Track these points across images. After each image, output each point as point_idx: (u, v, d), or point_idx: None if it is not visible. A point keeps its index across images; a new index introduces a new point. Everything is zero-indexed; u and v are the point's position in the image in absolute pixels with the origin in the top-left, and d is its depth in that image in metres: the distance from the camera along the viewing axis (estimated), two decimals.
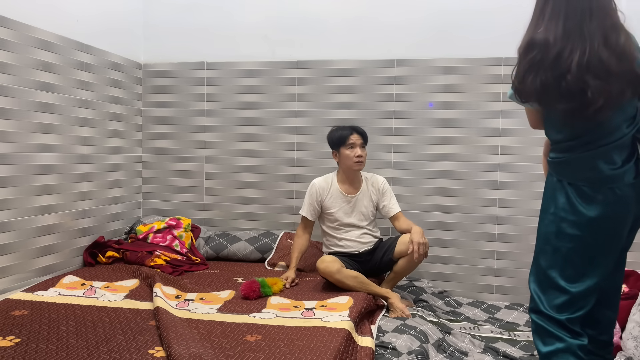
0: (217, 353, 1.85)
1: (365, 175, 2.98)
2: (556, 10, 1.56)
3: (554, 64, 1.52)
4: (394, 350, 2.15)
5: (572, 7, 1.54)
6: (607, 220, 1.60)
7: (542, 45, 1.54)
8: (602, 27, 1.52)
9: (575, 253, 1.62)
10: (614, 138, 1.57)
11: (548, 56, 1.53)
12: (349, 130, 2.89)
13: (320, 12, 3.43)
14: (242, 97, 3.56)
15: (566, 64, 1.51)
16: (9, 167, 2.62)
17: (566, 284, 1.64)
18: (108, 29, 3.34)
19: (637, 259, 2.99)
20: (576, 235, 1.61)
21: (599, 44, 1.51)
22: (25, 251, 2.73)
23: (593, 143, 1.58)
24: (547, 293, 1.67)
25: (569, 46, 1.51)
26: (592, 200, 1.58)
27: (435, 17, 3.27)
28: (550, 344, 1.64)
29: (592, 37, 1.51)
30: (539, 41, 1.55)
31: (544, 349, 1.65)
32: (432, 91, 3.29)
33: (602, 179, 1.58)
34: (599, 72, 1.49)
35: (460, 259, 3.29)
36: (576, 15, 1.53)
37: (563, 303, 1.64)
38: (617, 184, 1.58)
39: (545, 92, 1.56)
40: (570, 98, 1.52)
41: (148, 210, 3.73)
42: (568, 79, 1.51)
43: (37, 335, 2.00)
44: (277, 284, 2.64)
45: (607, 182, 1.58)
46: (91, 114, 3.17)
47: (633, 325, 2.21)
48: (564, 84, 1.52)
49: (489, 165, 3.22)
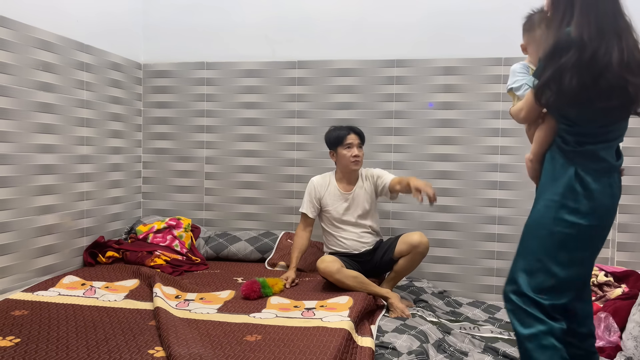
0: (217, 353, 1.85)
1: (361, 172, 2.98)
2: (585, 8, 1.56)
3: (590, 63, 1.53)
4: (394, 350, 2.15)
5: (603, 6, 1.55)
6: (604, 211, 1.65)
7: (577, 45, 1.53)
8: (627, 27, 1.57)
9: (572, 239, 1.65)
10: (622, 134, 1.66)
11: (584, 56, 1.53)
12: (346, 130, 2.90)
13: (320, 12, 3.43)
14: (242, 97, 3.56)
15: (604, 62, 1.52)
16: (9, 167, 2.62)
17: (558, 268, 1.66)
18: (108, 29, 3.34)
19: (637, 259, 2.99)
20: (575, 223, 1.63)
21: (632, 43, 1.55)
22: (25, 251, 2.73)
23: (613, 136, 1.64)
24: (535, 276, 1.68)
25: (604, 45, 1.53)
26: (593, 190, 1.62)
27: (435, 18, 3.27)
28: (531, 325, 1.65)
29: (626, 36, 1.55)
30: (573, 40, 1.54)
31: (524, 330, 1.66)
32: (432, 91, 3.29)
33: (608, 168, 1.64)
34: (637, 70, 1.54)
35: (460, 259, 3.29)
36: (607, 14, 1.55)
37: (550, 287, 1.66)
38: (614, 177, 1.66)
39: (584, 92, 1.55)
40: (611, 96, 1.54)
41: (148, 210, 3.73)
42: (608, 77, 1.52)
43: (37, 335, 2.00)
44: (277, 284, 2.64)
45: (611, 171, 1.64)
46: (91, 114, 3.17)
47: (633, 325, 2.21)
48: (604, 82, 1.53)
49: (489, 165, 3.22)
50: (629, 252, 3.02)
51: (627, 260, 3.00)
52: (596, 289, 2.69)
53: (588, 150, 1.63)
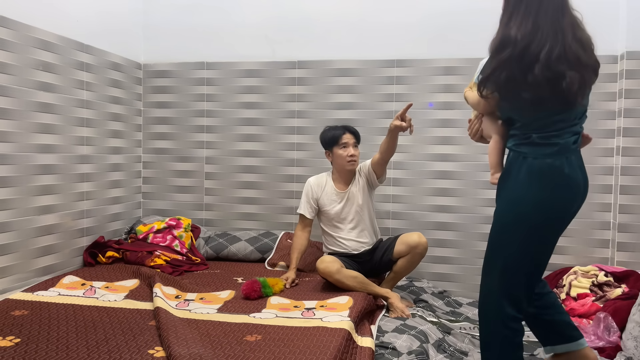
0: (217, 353, 1.85)
1: (357, 169, 2.96)
2: (529, 7, 1.65)
3: (520, 57, 1.62)
4: (394, 350, 2.15)
5: (546, 5, 1.64)
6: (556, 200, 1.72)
7: (512, 44, 1.63)
8: (570, 23, 1.65)
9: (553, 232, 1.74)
10: (576, 123, 1.72)
11: (514, 52, 1.62)
12: (341, 130, 2.89)
13: (320, 12, 3.43)
14: (242, 97, 3.56)
15: (533, 56, 1.60)
16: (9, 167, 2.62)
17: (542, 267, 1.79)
18: (108, 29, 3.34)
19: (637, 259, 2.99)
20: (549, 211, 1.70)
21: (571, 38, 1.63)
22: (25, 251, 2.73)
23: (563, 125, 1.69)
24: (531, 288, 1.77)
25: (537, 39, 1.61)
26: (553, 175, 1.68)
27: (435, 18, 3.27)
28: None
29: (565, 31, 1.62)
30: (510, 39, 1.64)
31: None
32: (432, 91, 3.29)
33: (564, 148, 1.68)
34: (574, 62, 1.62)
35: (460, 259, 3.29)
36: (549, 12, 1.63)
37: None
38: (570, 158, 1.69)
39: (508, 84, 1.66)
40: (539, 87, 1.62)
41: (148, 210, 3.73)
42: (537, 70, 1.60)
43: (37, 335, 2.00)
44: (277, 284, 2.64)
45: (566, 152, 1.68)
46: (91, 114, 3.17)
47: (633, 325, 2.21)
48: (531, 75, 1.61)
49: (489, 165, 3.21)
50: (629, 252, 3.02)
51: (627, 260, 3.00)
52: (596, 289, 2.69)
53: (534, 140, 1.69)
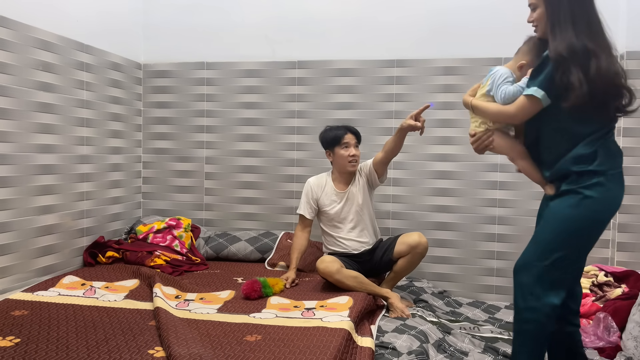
0: (217, 353, 1.85)
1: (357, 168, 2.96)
2: (586, 26, 1.71)
3: (598, 71, 1.67)
4: (394, 350, 2.15)
5: (595, 27, 1.73)
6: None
7: (585, 52, 1.67)
8: (607, 46, 1.74)
9: (598, 232, 1.83)
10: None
11: (592, 63, 1.67)
12: (343, 130, 2.89)
13: (320, 12, 3.43)
14: (242, 97, 3.56)
15: (603, 69, 1.67)
16: (9, 167, 2.62)
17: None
18: (108, 29, 3.34)
19: (637, 259, 2.99)
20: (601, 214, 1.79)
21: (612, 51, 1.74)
22: (25, 251, 2.73)
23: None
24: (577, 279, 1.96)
25: (599, 51, 1.68)
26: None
27: (435, 17, 3.27)
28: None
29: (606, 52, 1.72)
30: (582, 48, 1.68)
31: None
32: (432, 91, 3.29)
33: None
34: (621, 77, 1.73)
35: (460, 259, 3.29)
36: (599, 33, 1.73)
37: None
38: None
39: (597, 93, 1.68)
40: (613, 96, 1.72)
41: (148, 210, 3.73)
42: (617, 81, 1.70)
43: (37, 335, 2.00)
44: (278, 284, 2.64)
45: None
46: (91, 114, 3.17)
47: (633, 325, 2.21)
48: (611, 87, 1.69)
49: (489, 165, 3.22)
50: (629, 252, 3.02)
51: (627, 260, 3.00)
52: (596, 289, 2.69)
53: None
